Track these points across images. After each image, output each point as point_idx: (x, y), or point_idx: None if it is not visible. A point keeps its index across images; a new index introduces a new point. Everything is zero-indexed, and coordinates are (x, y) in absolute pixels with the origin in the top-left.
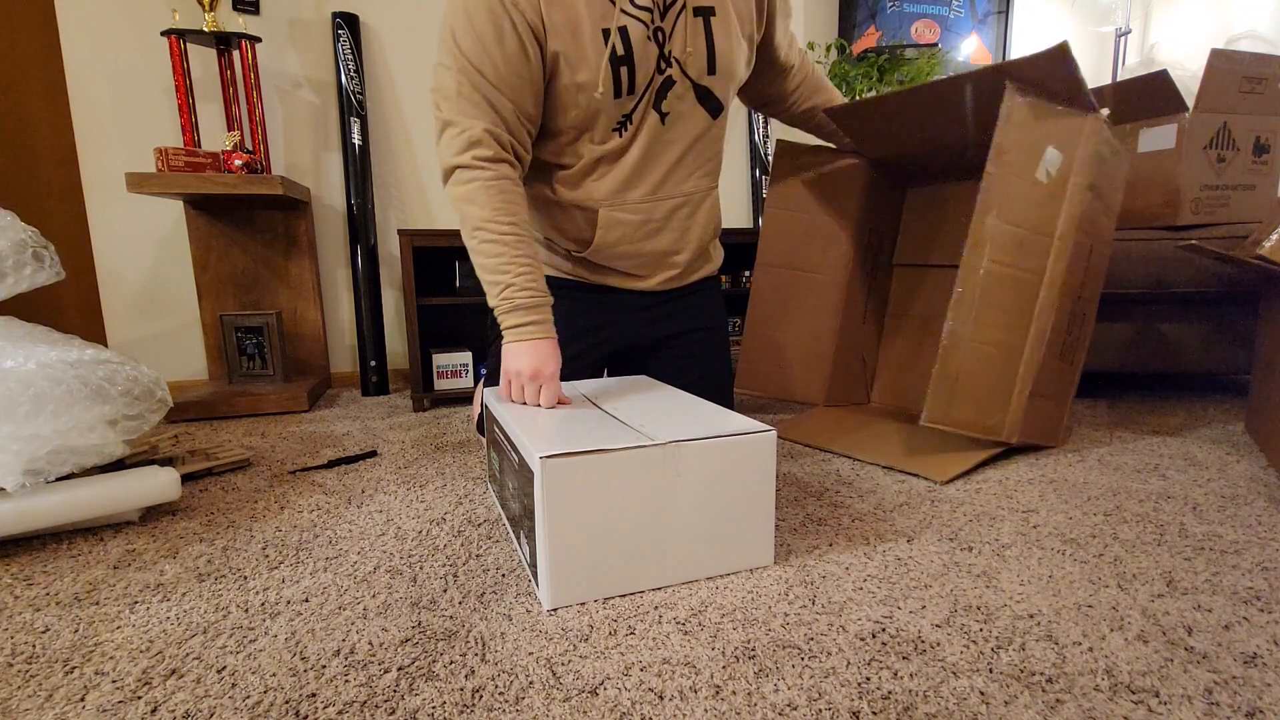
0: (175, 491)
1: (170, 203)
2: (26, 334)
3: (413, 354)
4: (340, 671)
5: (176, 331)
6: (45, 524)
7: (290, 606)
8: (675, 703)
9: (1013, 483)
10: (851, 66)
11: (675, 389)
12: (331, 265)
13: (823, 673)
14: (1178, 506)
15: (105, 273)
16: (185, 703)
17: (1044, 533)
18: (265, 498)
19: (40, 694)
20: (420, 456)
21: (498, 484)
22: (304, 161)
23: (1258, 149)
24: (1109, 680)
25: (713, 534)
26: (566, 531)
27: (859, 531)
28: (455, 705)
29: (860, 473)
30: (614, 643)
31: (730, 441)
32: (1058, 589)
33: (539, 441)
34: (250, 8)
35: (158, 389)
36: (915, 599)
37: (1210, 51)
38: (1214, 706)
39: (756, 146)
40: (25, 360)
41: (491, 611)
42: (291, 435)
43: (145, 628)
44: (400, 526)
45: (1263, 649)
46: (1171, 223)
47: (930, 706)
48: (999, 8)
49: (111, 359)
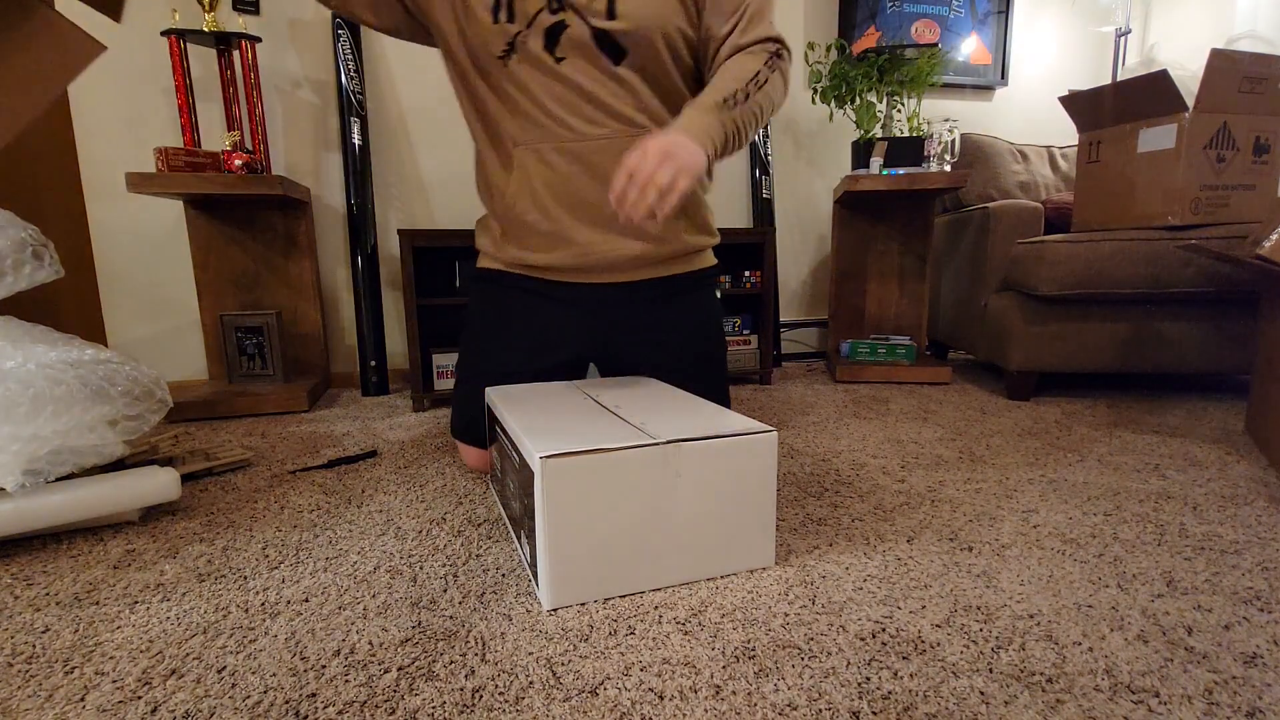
0: (175, 491)
1: (170, 203)
2: (26, 334)
3: (413, 354)
4: (340, 671)
5: (176, 331)
6: (45, 524)
7: (290, 606)
8: (675, 703)
9: (1013, 483)
10: (851, 66)
11: (676, 388)
12: (331, 265)
13: (823, 673)
14: (1178, 506)
15: (105, 273)
16: (185, 703)
17: (1044, 533)
18: (265, 498)
19: (40, 694)
20: (420, 456)
21: (499, 483)
22: (304, 161)
23: (1258, 149)
24: (1109, 680)
25: (713, 534)
26: (566, 531)
27: (859, 531)
28: (455, 705)
29: (860, 473)
30: (614, 643)
31: (731, 442)
32: (1058, 589)
33: (539, 440)
34: (250, 8)
35: (157, 389)
36: (915, 599)
37: (1210, 51)
38: (1214, 706)
39: (756, 146)
40: (25, 361)
41: (491, 611)
42: (291, 435)
43: (145, 628)
44: (400, 526)
45: (1263, 649)
46: (1171, 223)
47: (930, 706)
48: (999, 8)
49: (111, 359)
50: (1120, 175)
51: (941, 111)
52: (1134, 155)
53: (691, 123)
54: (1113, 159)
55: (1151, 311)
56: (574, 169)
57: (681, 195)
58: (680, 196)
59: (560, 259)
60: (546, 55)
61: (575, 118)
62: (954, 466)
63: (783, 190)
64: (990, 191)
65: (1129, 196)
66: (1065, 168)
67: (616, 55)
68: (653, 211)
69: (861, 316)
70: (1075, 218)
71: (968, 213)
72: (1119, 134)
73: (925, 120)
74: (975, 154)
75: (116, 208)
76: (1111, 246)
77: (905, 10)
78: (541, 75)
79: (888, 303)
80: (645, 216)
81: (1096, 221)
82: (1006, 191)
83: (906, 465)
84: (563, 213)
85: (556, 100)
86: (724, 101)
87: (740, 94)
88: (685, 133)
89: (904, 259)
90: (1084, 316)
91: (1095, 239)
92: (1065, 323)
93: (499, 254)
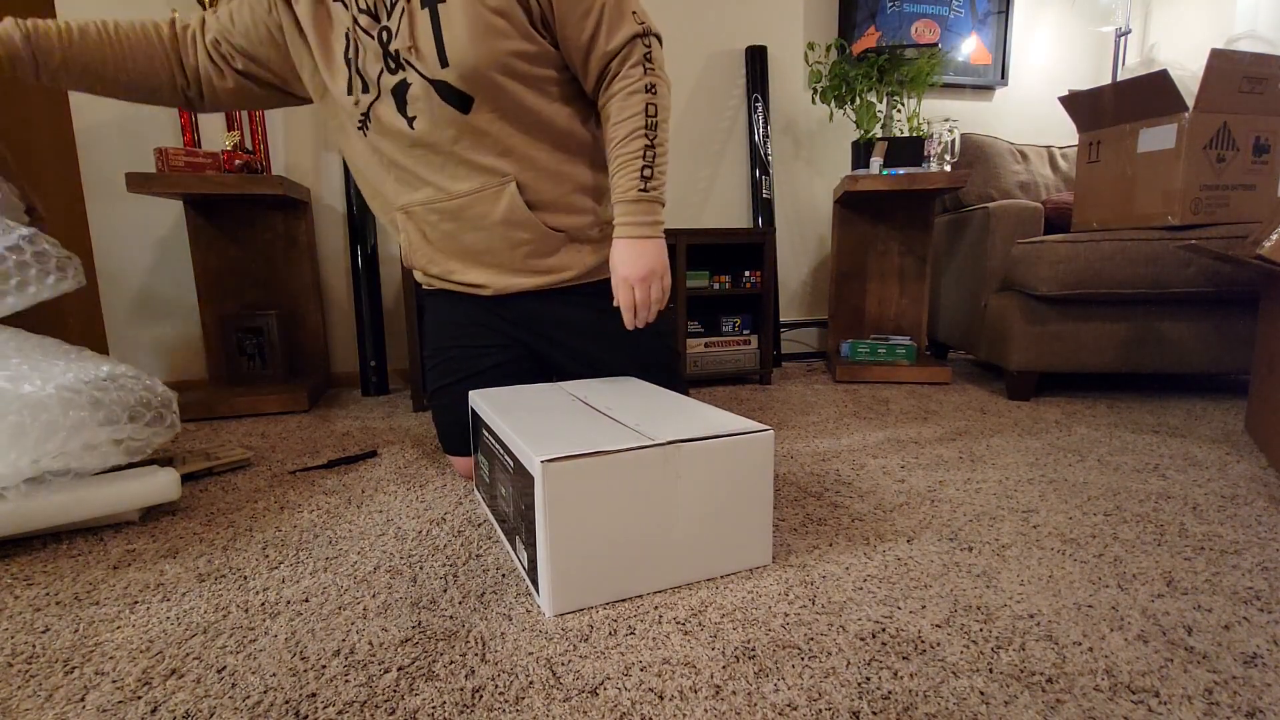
0: (175, 491)
1: (170, 203)
2: (38, 347)
3: (413, 354)
4: (340, 671)
5: (176, 331)
6: (45, 524)
7: (290, 606)
8: (675, 703)
9: (1013, 483)
10: (851, 66)
11: (661, 388)
12: (331, 265)
13: (823, 673)
14: (1178, 506)
15: (105, 273)
16: (185, 703)
17: (1044, 533)
18: (265, 498)
19: (40, 694)
20: (420, 456)
21: (488, 492)
22: (304, 161)
23: (1258, 149)
24: (1109, 680)
25: (712, 534)
26: (568, 536)
27: (859, 531)
28: (455, 705)
29: (860, 473)
30: (614, 643)
31: (729, 441)
32: (1058, 589)
33: (538, 444)
34: None
35: (168, 412)
36: (915, 599)
37: (1210, 51)
38: (1214, 706)
39: (756, 146)
40: (44, 384)
41: (491, 611)
42: (291, 435)
43: (145, 628)
44: (400, 526)
45: (1263, 649)
46: (1171, 223)
47: (930, 706)
48: (999, 8)
49: (125, 374)
50: (1120, 175)
51: (941, 111)
52: (1134, 155)
53: (630, 222)
54: (1113, 159)
55: (1152, 311)
56: (452, 225)
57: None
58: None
59: (469, 285)
60: (400, 119)
61: (440, 176)
62: (954, 466)
63: (783, 190)
64: (990, 191)
65: (1129, 196)
66: (1065, 168)
67: (463, 104)
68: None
69: (861, 316)
70: (1075, 218)
71: (968, 213)
72: (1119, 134)
73: (925, 120)
74: (975, 154)
75: (116, 208)
76: (1111, 246)
77: (905, 10)
78: (399, 142)
79: (888, 303)
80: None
81: (1096, 221)
82: (1006, 191)
83: (906, 465)
84: (454, 262)
85: (420, 163)
86: (641, 178)
87: (647, 153)
88: (636, 240)
89: (904, 259)
90: (1084, 316)
91: (1095, 239)
92: (1065, 323)
93: (424, 280)
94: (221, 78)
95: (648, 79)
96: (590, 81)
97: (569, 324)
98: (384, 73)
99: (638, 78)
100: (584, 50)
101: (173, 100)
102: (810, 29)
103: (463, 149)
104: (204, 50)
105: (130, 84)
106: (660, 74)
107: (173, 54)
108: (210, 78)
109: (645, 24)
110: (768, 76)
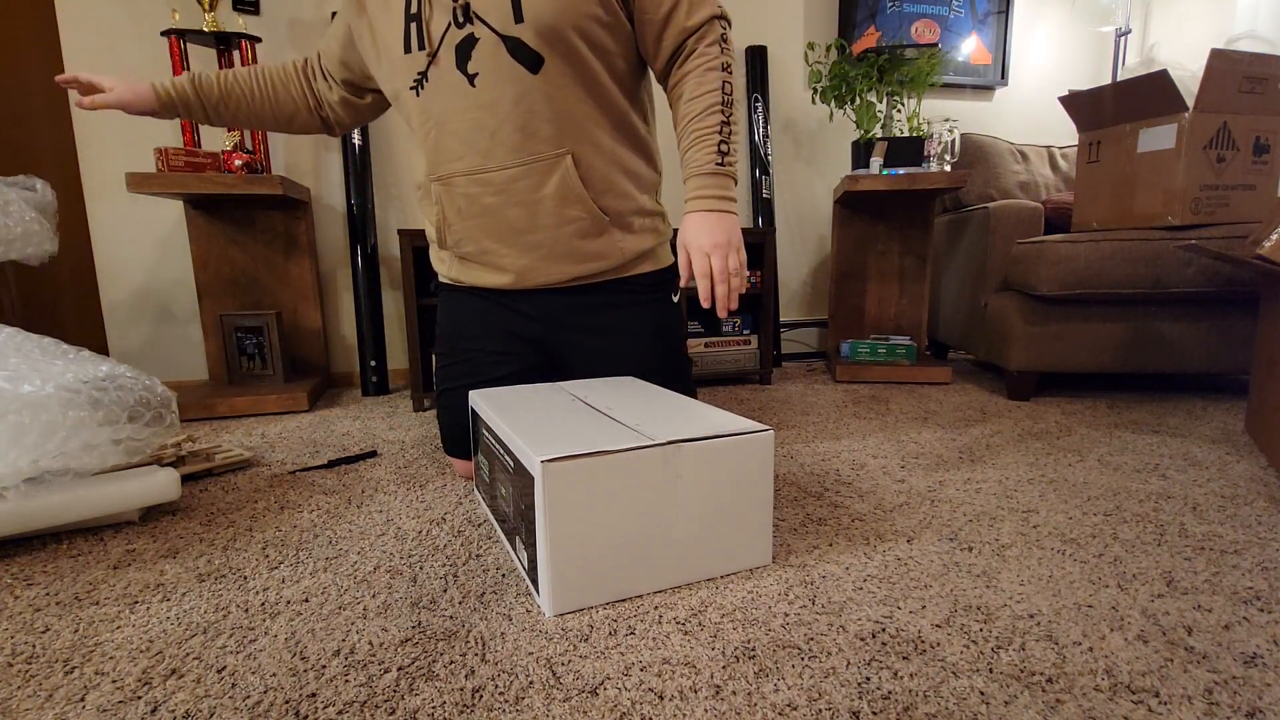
0: (175, 491)
1: (170, 203)
2: (37, 347)
3: (413, 354)
4: (340, 671)
5: (176, 331)
6: (45, 524)
7: (290, 606)
8: (675, 703)
9: (1013, 483)
10: (851, 66)
11: (660, 388)
12: (331, 265)
13: (823, 673)
14: (1178, 506)
15: (105, 273)
16: (185, 703)
17: (1044, 533)
18: (265, 498)
19: (40, 694)
20: (420, 456)
21: (488, 492)
22: (304, 161)
23: (1258, 149)
24: (1109, 680)
25: (712, 534)
26: (568, 536)
27: (859, 531)
28: (455, 705)
29: (860, 473)
30: (614, 643)
31: (729, 441)
32: (1058, 589)
33: (538, 444)
34: (250, 8)
35: (167, 412)
36: (915, 599)
37: (1210, 51)
38: (1214, 706)
39: (756, 146)
40: (44, 384)
41: (491, 611)
42: (291, 435)
43: (145, 628)
44: (400, 526)
45: (1263, 649)
46: (1171, 223)
47: (930, 706)
48: (999, 8)
49: (125, 374)
50: (1120, 175)
51: (941, 111)
52: (1134, 155)
53: (706, 195)
54: (1113, 159)
55: (1151, 311)
56: (496, 199)
57: (744, 262)
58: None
59: (500, 280)
60: (460, 76)
61: (491, 143)
62: (954, 466)
63: (783, 190)
64: (990, 191)
65: (1129, 197)
66: (1065, 168)
67: (534, 63)
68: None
69: (861, 316)
70: (1075, 218)
71: (968, 213)
72: (1119, 134)
73: (925, 120)
74: (975, 154)
75: (116, 208)
76: (1111, 246)
77: (905, 10)
78: (456, 102)
79: (888, 303)
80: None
81: (1096, 221)
82: (1006, 191)
83: (906, 465)
84: (490, 241)
85: (473, 127)
86: (719, 152)
87: (724, 129)
88: (711, 212)
89: (904, 259)
90: (1084, 316)
91: (1095, 239)
92: (1065, 323)
93: (448, 272)
94: (330, 91)
95: (724, 58)
96: (662, 58)
97: (589, 324)
98: (451, 26)
99: (715, 55)
100: (660, 24)
101: (310, 123)
102: (810, 29)
103: (522, 113)
104: (319, 70)
105: (277, 111)
106: (732, 58)
107: (304, 81)
108: (324, 93)
109: (722, 8)
110: (768, 76)
